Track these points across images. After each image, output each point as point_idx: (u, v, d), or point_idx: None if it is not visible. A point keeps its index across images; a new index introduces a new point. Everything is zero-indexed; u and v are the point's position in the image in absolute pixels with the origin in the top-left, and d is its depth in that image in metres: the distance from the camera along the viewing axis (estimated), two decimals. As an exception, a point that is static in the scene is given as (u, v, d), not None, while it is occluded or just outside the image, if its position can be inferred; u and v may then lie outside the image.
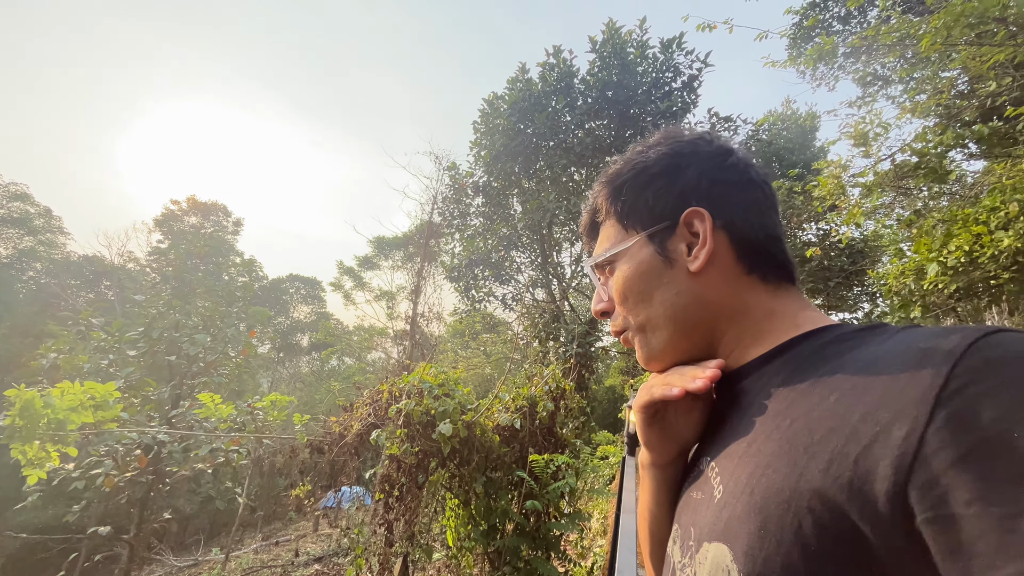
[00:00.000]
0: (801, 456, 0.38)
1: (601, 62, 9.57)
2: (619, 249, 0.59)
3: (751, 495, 0.41)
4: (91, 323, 7.41)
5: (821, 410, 0.39)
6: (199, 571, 10.49)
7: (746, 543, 0.40)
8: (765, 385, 0.48)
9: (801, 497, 0.37)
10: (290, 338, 29.46)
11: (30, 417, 2.83)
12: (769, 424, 0.44)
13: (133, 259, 22.81)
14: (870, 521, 0.33)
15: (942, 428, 0.31)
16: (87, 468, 5.60)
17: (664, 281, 0.56)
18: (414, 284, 14.27)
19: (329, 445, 3.13)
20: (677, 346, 0.57)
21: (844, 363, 0.42)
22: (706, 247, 0.53)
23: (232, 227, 26.48)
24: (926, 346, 0.36)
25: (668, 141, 0.60)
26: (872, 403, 0.36)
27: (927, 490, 0.31)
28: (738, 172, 0.57)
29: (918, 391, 0.33)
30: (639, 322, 0.58)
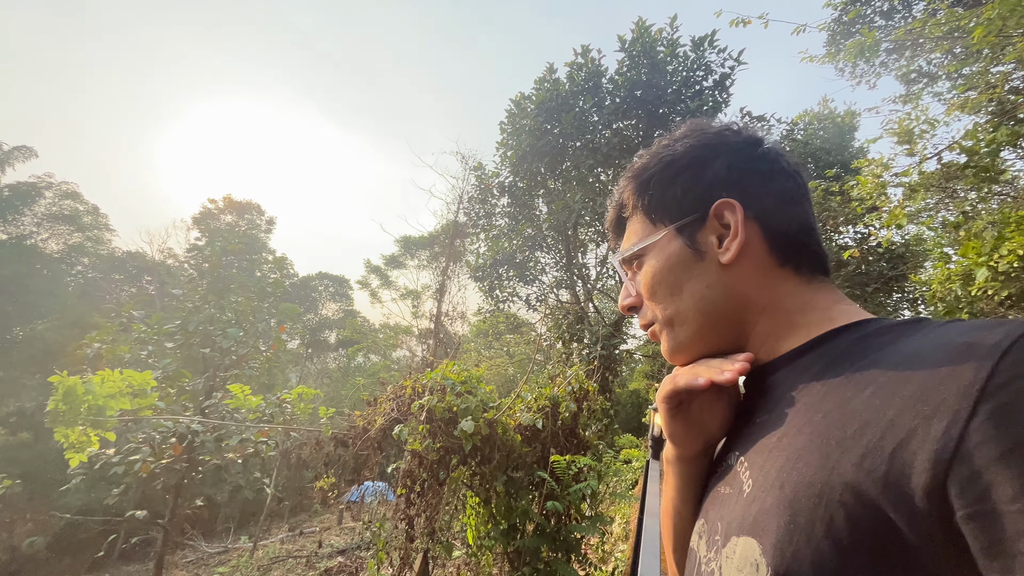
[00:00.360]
0: (834, 450, 0.38)
1: (630, 61, 9.45)
2: (647, 243, 0.58)
3: (781, 489, 0.41)
4: (132, 316, 7.74)
5: (856, 404, 0.39)
6: (228, 558, 10.84)
7: (775, 537, 0.39)
8: (797, 379, 0.47)
9: (833, 491, 0.36)
10: (318, 334, 30.16)
11: (72, 402, 2.98)
12: (800, 418, 0.43)
13: (172, 255, 23.78)
14: (906, 516, 0.32)
15: (986, 422, 0.30)
16: (126, 454, 5.85)
17: (694, 274, 0.55)
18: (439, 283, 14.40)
19: (353, 439, 3.18)
20: (705, 339, 0.56)
21: (881, 357, 0.41)
22: (738, 238, 0.52)
23: (265, 226, 27.28)
24: (970, 339, 0.35)
25: (695, 133, 0.59)
26: (910, 397, 0.35)
27: (968, 485, 0.30)
28: (768, 162, 0.55)
29: (960, 384, 0.32)
30: (667, 315, 0.57)
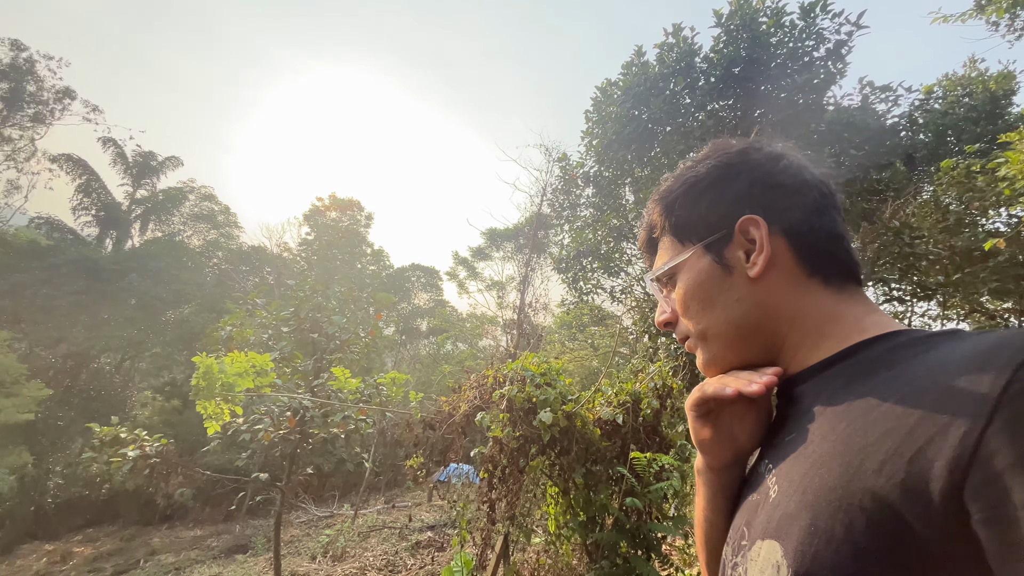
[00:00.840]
0: (855, 457, 0.39)
1: (727, 37, 8.76)
2: (677, 261, 0.60)
3: (804, 494, 0.42)
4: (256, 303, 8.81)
5: (878, 412, 0.40)
6: (333, 522, 12.02)
7: (797, 540, 0.41)
8: (824, 389, 0.49)
9: (853, 495, 0.37)
10: (411, 322, 32.00)
11: (209, 380, 3.51)
12: (826, 426, 0.45)
13: (287, 249, 26.53)
14: (923, 520, 0.33)
15: (1002, 430, 0.31)
16: (251, 424, 6.71)
17: (724, 288, 0.56)
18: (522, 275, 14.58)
19: (439, 423, 3.37)
20: (737, 351, 0.57)
21: (907, 368, 0.41)
22: (764, 252, 0.53)
23: (365, 221, 29.36)
24: (991, 349, 0.36)
25: (716, 153, 0.60)
26: (930, 405, 0.36)
27: (984, 490, 0.31)
28: (791, 175, 0.56)
29: (978, 393, 0.33)
30: (700, 329, 0.59)
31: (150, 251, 20.09)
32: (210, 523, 14.79)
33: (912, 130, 8.81)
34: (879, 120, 7.90)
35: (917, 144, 8.84)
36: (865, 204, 7.89)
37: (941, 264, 7.61)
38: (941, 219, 7.67)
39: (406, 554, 8.49)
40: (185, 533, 14.20)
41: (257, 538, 11.60)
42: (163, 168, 23.16)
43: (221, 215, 24.84)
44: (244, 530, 12.92)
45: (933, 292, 8.40)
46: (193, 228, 24.09)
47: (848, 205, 7.91)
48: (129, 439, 6.22)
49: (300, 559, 9.16)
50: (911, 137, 8.75)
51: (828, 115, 7.94)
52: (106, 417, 7.07)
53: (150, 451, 6.25)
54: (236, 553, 11.14)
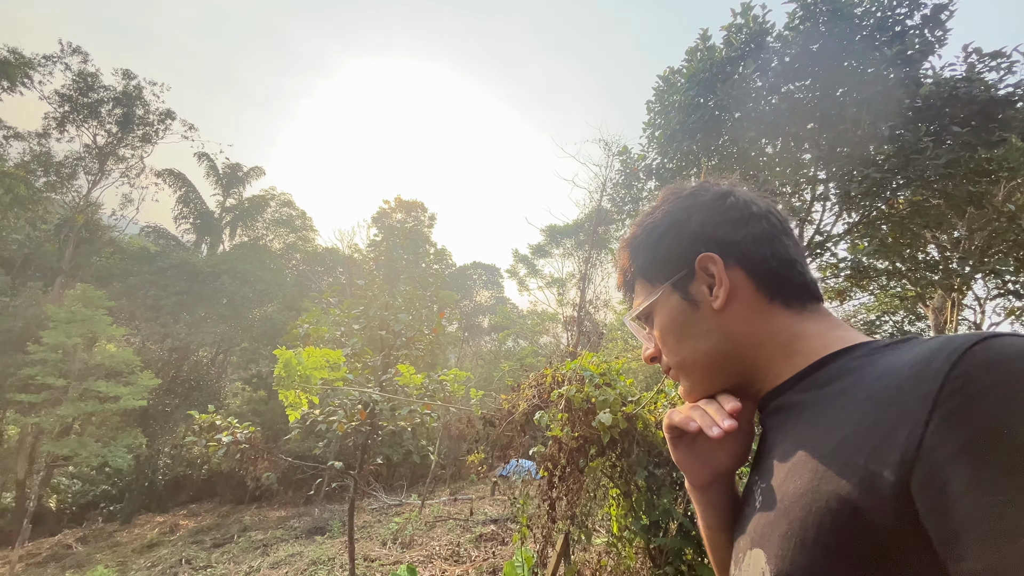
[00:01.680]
0: (821, 462, 0.42)
1: (804, 11, 8.10)
2: (649, 302, 0.65)
3: (780, 501, 0.46)
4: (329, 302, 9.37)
5: (840, 420, 0.43)
6: (402, 510, 12.56)
7: (777, 546, 0.44)
8: (796, 402, 0.52)
9: (820, 498, 0.40)
10: (473, 319, 32.68)
11: (289, 371, 3.81)
12: (799, 437, 0.49)
13: (358, 250, 27.92)
14: (880, 516, 0.36)
15: (939, 428, 0.34)
16: (327, 415, 7.16)
17: (694, 322, 0.60)
18: (582, 271, 14.40)
19: (499, 420, 3.42)
20: (711, 379, 0.61)
21: (864, 376, 0.45)
22: (723, 285, 0.57)
23: (428, 221, 30.25)
24: (930, 353, 0.39)
25: (670, 199, 0.66)
26: (881, 409, 0.39)
27: (927, 483, 0.34)
28: (738, 210, 0.61)
29: (919, 394, 0.36)
30: (677, 361, 0.63)
31: (238, 254, 21.99)
32: (292, 505, 16.00)
33: (1031, 100, 7.70)
34: (988, 91, 6.97)
35: (1038, 116, 7.72)
36: (972, 187, 7.01)
37: (1069, 253, 6.63)
38: (1069, 201, 6.68)
39: (470, 545, 8.70)
40: (271, 513, 15.47)
41: (333, 522, 12.39)
42: (248, 178, 25.25)
43: (299, 219, 26.65)
44: (322, 513, 13.85)
45: (1059, 285, 7.34)
46: (274, 232, 26.05)
47: (951, 188, 7.06)
48: (223, 425, 6.86)
49: (372, 543, 9.66)
50: (1030, 108, 7.64)
51: (925, 89, 7.11)
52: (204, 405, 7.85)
53: (240, 437, 6.85)
54: (315, 534, 11.97)
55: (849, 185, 7.48)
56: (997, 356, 0.35)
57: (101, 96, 20.13)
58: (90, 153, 20.52)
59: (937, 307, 9.53)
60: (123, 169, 21.77)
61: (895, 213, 7.79)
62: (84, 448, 13.54)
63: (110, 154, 20.98)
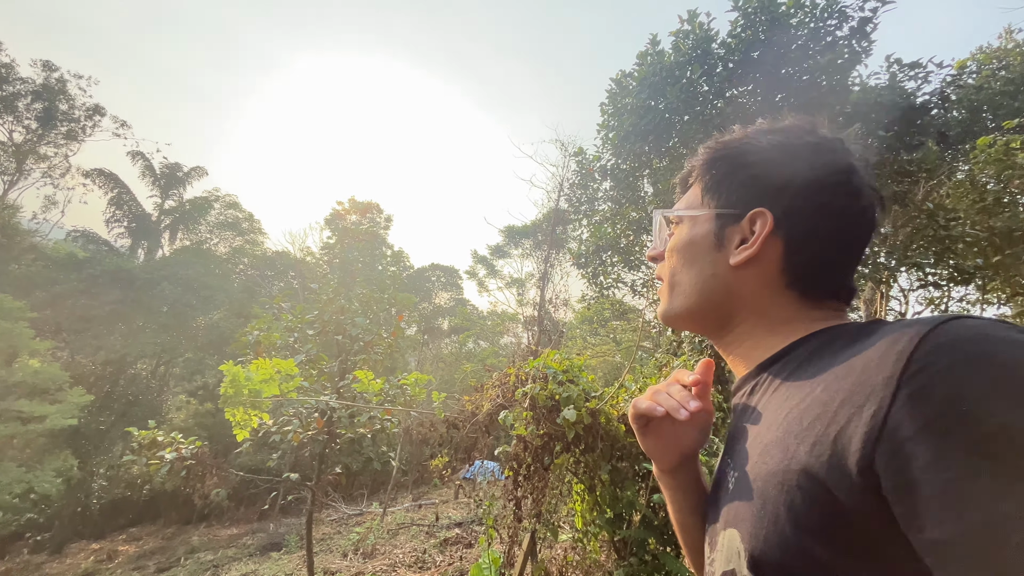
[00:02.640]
0: (792, 441, 0.43)
1: (745, 20, 8.53)
2: (688, 214, 0.63)
3: (754, 481, 0.47)
4: (281, 307, 8.99)
5: (811, 400, 0.44)
6: (363, 520, 12.23)
7: (750, 524, 0.45)
8: (771, 383, 0.53)
9: (791, 476, 0.41)
10: (432, 322, 32.27)
11: (236, 387, 3.60)
12: (770, 417, 0.49)
13: (310, 253, 27.02)
14: (845, 492, 0.37)
15: (903, 406, 0.35)
16: (281, 425, 6.87)
17: (707, 260, 0.59)
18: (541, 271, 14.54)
19: (463, 422, 3.39)
20: (693, 317, 0.61)
21: (836, 357, 0.45)
22: (751, 249, 0.55)
23: (384, 223, 29.68)
24: (895, 335, 0.40)
25: (791, 131, 0.60)
26: (850, 389, 0.40)
27: (890, 459, 0.35)
28: (835, 195, 0.54)
29: (885, 374, 0.37)
30: (672, 281, 0.63)
31: (179, 259, 20.73)
32: (245, 522, 15.23)
33: (944, 107, 8.45)
34: (908, 99, 7.58)
35: (950, 122, 8.46)
36: (896, 186, 7.60)
37: (979, 246, 7.27)
38: (978, 199, 7.34)
39: (435, 551, 8.58)
40: (222, 532, 14.66)
41: (290, 536, 11.89)
42: (189, 178, 23.86)
43: (245, 222, 25.45)
44: (278, 528, 13.26)
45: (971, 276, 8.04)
46: (219, 236, 24.75)
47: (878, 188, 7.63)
48: (166, 442, 6.43)
49: (332, 556, 9.35)
50: (943, 115, 8.38)
51: (854, 96, 7.66)
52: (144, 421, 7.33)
53: (186, 453, 6.45)
54: (271, 551, 11.45)
55: (789, 185, 7.95)
56: (956, 338, 0.36)
57: (18, 89, 18.45)
58: (5, 151, 18.77)
59: (868, 299, 10.27)
60: (45, 168, 20.08)
61: (830, 211, 8.33)
62: (5, 474, 12.36)
63: (29, 152, 19.27)
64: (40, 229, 20.71)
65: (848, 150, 0.57)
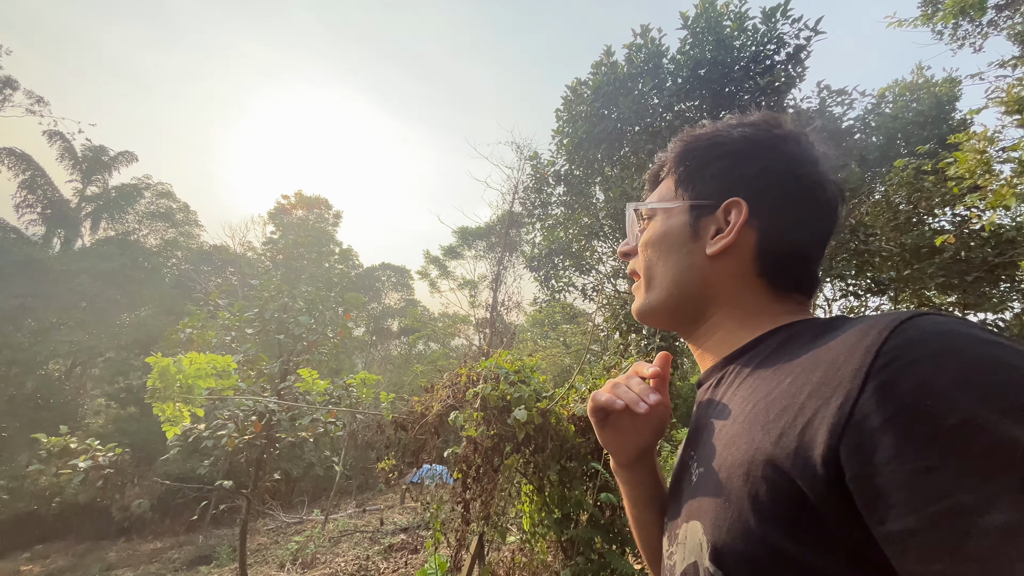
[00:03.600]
0: (758, 432, 0.43)
1: (693, 39, 8.96)
2: (662, 206, 0.63)
3: (718, 472, 0.47)
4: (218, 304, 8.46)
5: (778, 392, 0.44)
6: (303, 528, 11.70)
7: (713, 515, 0.45)
8: (737, 376, 0.53)
9: (756, 467, 0.41)
10: (382, 323, 31.50)
11: (167, 381, 3.35)
12: (736, 409, 0.49)
13: (252, 248, 25.63)
14: (810, 483, 0.37)
15: (870, 398, 0.35)
16: (214, 429, 6.45)
17: (683, 251, 0.60)
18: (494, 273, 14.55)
19: (411, 423, 3.31)
20: (670, 309, 0.61)
21: (803, 350, 0.46)
22: (727, 239, 0.56)
23: (332, 219, 28.69)
24: (863, 329, 0.41)
25: (759, 125, 0.61)
26: (817, 381, 0.40)
27: (855, 451, 0.35)
28: (803, 185, 0.57)
29: (854, 366, 0.38)
30: (648, 274, 0.63)
31: (102, 251, 19.05)
32: (171, 535, 14.14)
33: (865, 132, 9.22)
34: (835, 123, 8.22)
35: (870, 146, 9.26)
36: (823, 203, 8.23)
37: (892, 260, 7.99)
38: (892, 218, 8.06)
39: (379, 558, 8.34)
40: (144, 546, 13.54)
41: (222, 548, 11.17)
42: (116, 164, 21.98)
43: (180, 213, 23.78)
44: (208, 540, 12.42)
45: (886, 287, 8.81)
46: (149, 227, 22.95)
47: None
48: (80, 449, 5.89)
49: (268, 567, 8.87)
50: (864, 139, 9.16)
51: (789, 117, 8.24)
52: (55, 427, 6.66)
53: (103, 461, 5.93)
54: (199, 565, 10.70)
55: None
56: (923, 333, 0.37)
57: (-92, 53, 16.36)
58: None
59: (798, 306, 11.01)
60: (-59, 145, 17.87)
61: (766, 224, 8.88)
62: None
63: (-78, 125, 17.10)
64: (-67, 212, 18.40)
65: (812, 143, 0.59)
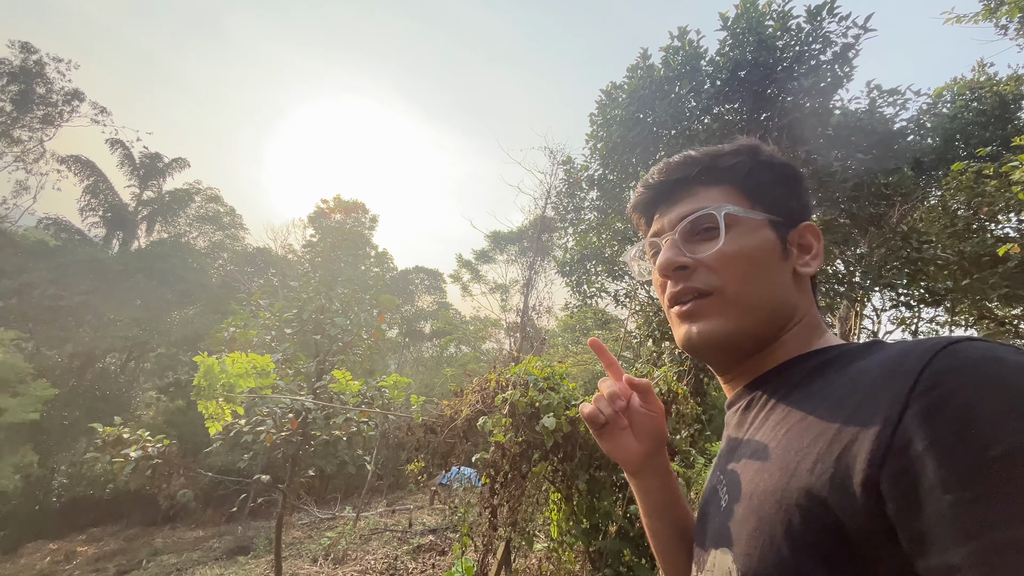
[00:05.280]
0: (792, 459, 0.42)
1: (733, 40, 8.72)
2: (747, 215, 0.58)
3: (750, 499, 0.45)
4: (259, 304, 8.80)
5: (813, 417, 0.43)
6: (335, 524, 11.98)
7: (745, 544, 0.44)
8: (768, 400, 0.53)
9: (791, 495, 0.40)
10: (415, 325, 31.99)
11: (211, 379, 3.51)
12: (769, 434, 0.48)
13: (292, 251, 26.58)
14: (849, 513, 0.36)
15: (911, 424, 0.34)
16: (254, 425, 6.69)
17: (778, 269, 0.57)
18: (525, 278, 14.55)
19: (441, 427, 3.34)
20: (759, 333, 0.56)
21: (838, 375, 0.45)
22: (819, 258, 0.58)
23: (369, 223, 29.36)
24: (901, 355, 0.40)
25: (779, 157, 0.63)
26: (854, 408, 0.39)
27: (897, 479, 0.34)
28: None
29: (892, 394, 0.37)
30: (735, 292, 0.55)
31: (156, 252, 20.19)
32: (212, 524, 14.80)
33: (920, 134, 8.73)
34: (886, 124, 7.82)
35: (925, 148, 8.75)
36: (872, 208, 7.81)
37: (949, 269, 7.51)
38: (949, 224, 7.58)
39: (407, 558, 8.45)
40: (187, 534, 14.21)
41: (259, 540, 11.59)
42: (169, 169, 23.29)
43: (226, 216, 24.94)
44: (246, 531, 12.91)
45: (941, 298, 8.28)
46: (199, 229, 24.18)
47: (856, 210, 7.83)
48: (131, 439, 6.21)
49: (301, 561, 9.12)
50: (919, 141, 8.67)
51: (835, 119, 7.88)
52: (111, 417, 7.07)
53: (152, 452, 6.24)
54: (238, 555, 11.12)
55: (771, 202, 8.12)
56: (965, 359, 0.36)
57: (-8, 69, 17.86)
58: (-24, 133, 18.12)
59: (843, 316, 10.52)
60: (18, 153, 19.39)
61: (810, 230, 8.52)
62: (-42, 469, 11.81)
63: (2, 135, 18.61)
64: (9, 215, 19.99)
65: None
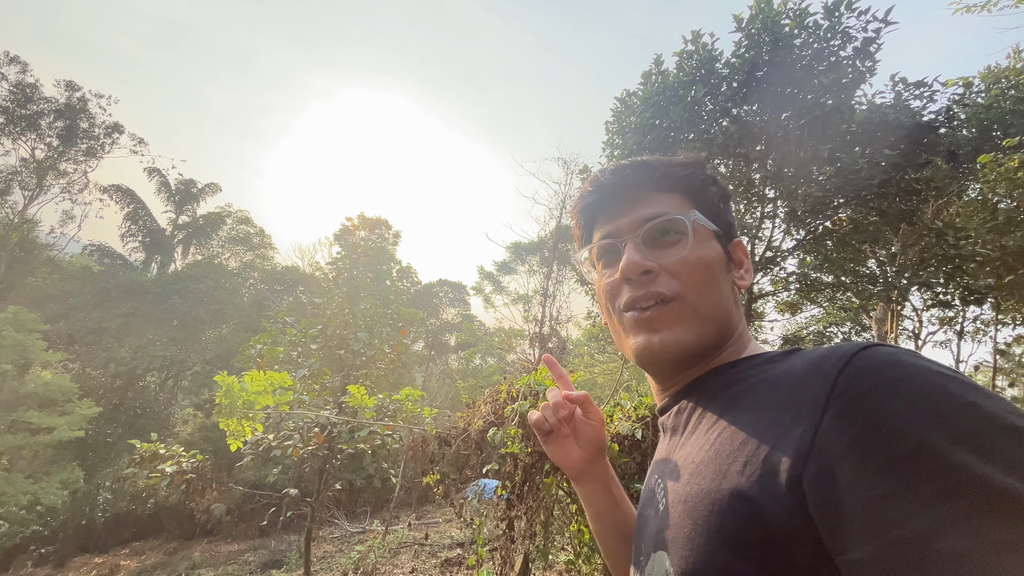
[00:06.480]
0: (724, 462, 0.44)
1: (748, 41, 8.60)
2: (706, 225, 0.59)
3: (684, 502, 0.46)
4: (286, 321, 9.04)
5: (740, 421, 0.45)
6: (365, 537, 12.07)
7: (681, 546, 0.45)
8: (698, 405, 0.54)
9: (723, 497, 0.42)
10: (440, 337, 32.23)
11: (231, 398, 3.63)
12: (702, 438, 0.50)
13: (319, 268, 27.26)
14: (775, 511, 0.37)
15: (830, 425, 0.36)
16: (282, 439, 6.84)
17: (724, 280, 0.59)
18: (544, 288, 14.51)
19: (453, 438, 3.34)
20: (710, 344, 0.57)
21: (762, 380, 0.48)
22: (750, 274, 0.61)
23: (392, 239, 29.91)
24: (819, 360, 0.42)
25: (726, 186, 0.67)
26: (778, 410, 0.42)
27: (817, 478, 0.35)
28: None
29: (812, 396, 0.39)
30: (694, 302, 0.55)
31: (191, 274, 21.03)
32: (246, 538, 15.10)
33: (952, 126, 8.37)
34: (914, 117, 7.54)
35: (959, 140, 8.38)
36: (904, 205, 7.51)
37: (992, 266, 7.13)
38: (990, 218, 7.22)
39: (435, 571, 8.42)
40: (224, 548, 14.54)
41: (291, 553, 11.76)
42: (203, 194, 24.34)
43: (256, 237, 25.83)
44: (279, 545, 13.13)
45: (984, 295, 7.88)
46: (230, 250, 25.11)
47: (886, 207, 7.54)
48: (167, 455, 6.44)
49: (332, 575, 9.20)
50: (952, 133, 8.31)
51: (859, 115, 7.64)
52: (150, 434, 7.36)
53: (186, 467, 6.45)
54: (271, 568, 11.31)
55: (795, 203, 7.86)
56: (876, 363, 0.38)
57: (41, 108, 19.08)
58: (27, 167, 19.33)
59: (879, 318, 10.09)
60: (64, 184, 20.59)
61: (837, 229, 8.23)
62: (12, 485, 12.43)
63: (50, 168, 19.82)
64: (57, 243, 21.18)
65: None
